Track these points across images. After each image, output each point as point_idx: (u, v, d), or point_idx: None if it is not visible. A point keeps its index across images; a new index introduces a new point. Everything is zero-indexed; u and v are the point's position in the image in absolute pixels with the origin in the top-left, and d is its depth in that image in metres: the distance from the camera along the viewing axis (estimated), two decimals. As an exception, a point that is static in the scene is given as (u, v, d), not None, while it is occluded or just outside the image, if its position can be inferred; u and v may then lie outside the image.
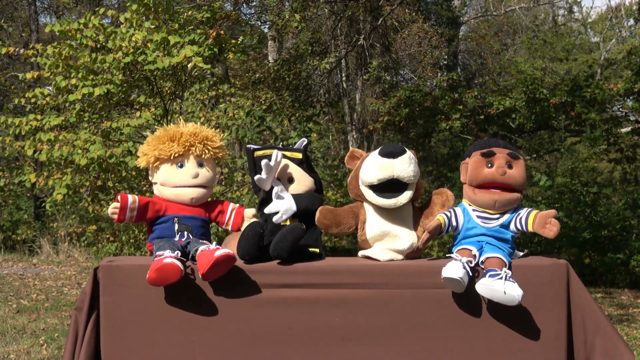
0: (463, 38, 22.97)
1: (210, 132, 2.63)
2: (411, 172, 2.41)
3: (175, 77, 7.38)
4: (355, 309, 2.38)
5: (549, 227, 2.31)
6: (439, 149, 15.67)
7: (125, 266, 2.41)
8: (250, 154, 2.57)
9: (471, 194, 2.46)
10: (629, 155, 10.53)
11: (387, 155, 2.40)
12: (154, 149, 2.54)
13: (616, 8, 19.53)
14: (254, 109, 8.30)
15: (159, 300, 2.37)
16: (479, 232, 2.43)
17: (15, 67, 17.14)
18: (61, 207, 11.93)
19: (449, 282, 2.26)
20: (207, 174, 2.57)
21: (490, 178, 2.40)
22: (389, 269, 2.40)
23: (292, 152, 2.60)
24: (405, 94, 10.97)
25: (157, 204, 2.52)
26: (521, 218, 2.40)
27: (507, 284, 2.21)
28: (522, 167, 2.43)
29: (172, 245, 2.36)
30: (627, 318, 6.61)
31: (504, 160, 2.40)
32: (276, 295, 2.38)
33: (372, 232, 2.49)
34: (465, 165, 2.50)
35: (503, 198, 2.41)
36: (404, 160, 2.40)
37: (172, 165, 2.54)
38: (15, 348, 5.11)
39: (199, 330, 2.37)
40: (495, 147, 2.45)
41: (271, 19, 13.02)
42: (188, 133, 2.55)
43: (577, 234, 8.66)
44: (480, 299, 2.35)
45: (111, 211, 2.46)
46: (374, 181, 2.42)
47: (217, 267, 2.24)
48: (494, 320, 2.35)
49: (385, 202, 2.44)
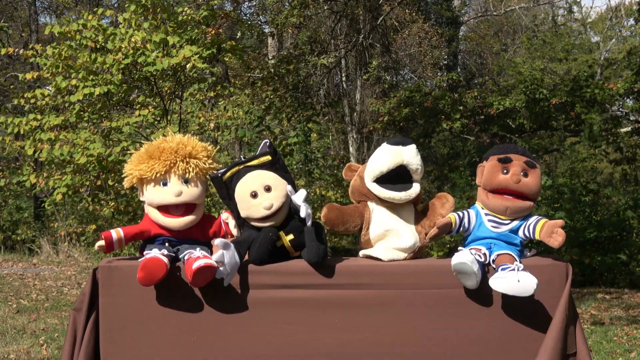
0: (463, 38, 22.97)
1: (197, 146, 2.47)
2: (419, 161, 2.44)
3: (174, 77, 7.38)
4: (356, 310, 2.38)
5: (555, 236, 2.31)
6: (439, 149, 15.68)
7: (124, 267, 2.40)
8: (218, 181, 2.43)
9: (484, 198, 2.47)
10: (629, 156, 10.53)
11: (397, 143, 2.43)
12: (136, 168, 2.41)
13: (616, 8, 19.52)
14: (253, 108, 8.31)
15: (158, 300, 2.37)
16: (488, 236, 2.43)
17: (15, 68, 17.13)
18: (61, 207, 11.93)
19: (460, 270, 2.25)
20: (194, 191, 2.42)
21: (504, 184, 2.40)
22: (389, 269, 2.40)
23: (259, 159, 2.45)
24: (405, 94, 10.97)
25: (145, 232, 2.44)
26: (529, 225, 2.40)
27: (521, 274, 2.22)
28: (538, 176, 2.43)
29: (160, 247, 2.37)
30: (627, 318, 6.61)
31: (520, 167, 2.40)
32: (276, 295, 2.38)
33: (376, 231, 2.48)
34: (482, 168, 2.50)
35: (515, 205, 2.41)
36: (412, 148, 2.43)
37: (156, 185, 2.41)
38: (15, 348, 5.10)
39: (198, 330, 2.37)
40: (514, 153, 2.44)
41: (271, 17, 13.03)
42: (169, 150, 2.40)
43: (578, 234, 8.65)
44: (480, 299, 2.34)
45: (97, 249, 2.41)
46: (383, 169, 2.41)
47: (198, 277, 2.24)
48: (494, 320, 2.35)
49: (396, 194, 2.42)
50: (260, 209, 2.34)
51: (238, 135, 7.84)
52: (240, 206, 2.39)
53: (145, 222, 2.47)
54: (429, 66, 17.18)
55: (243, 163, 2.44)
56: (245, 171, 2.42)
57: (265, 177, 2.40)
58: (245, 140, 8.49)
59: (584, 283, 8.65)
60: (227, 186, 2.43)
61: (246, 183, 2.39)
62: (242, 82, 13.55)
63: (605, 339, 5.61)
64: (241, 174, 2.41)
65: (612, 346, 5.38)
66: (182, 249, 2.41)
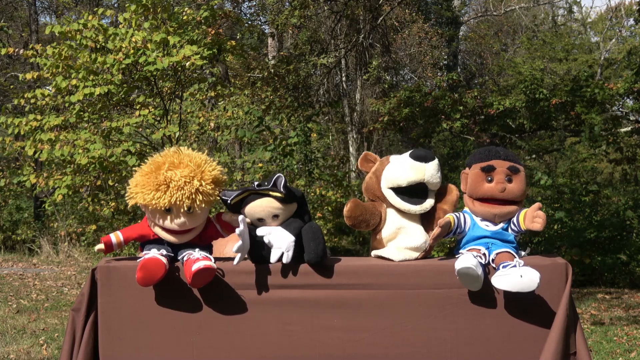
0: (463, 38, 22.97)
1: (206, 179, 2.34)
2: (438, 178, 2.43)
3: (174, 77, 7.38)
4: (355, 310, 2.37)
5: (537, 219, 2.33)
6: (439, 149, 15.67)
7: (123, 267, 2.40)
8: (226, 204, 2.40)
9: (471, 206, 2.47)
10: (629, 156, 10.53)
11: (420, 158, 2.39)
12: (141, 194, 2.33)
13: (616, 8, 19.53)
14: (253, 108, 8.30)
15: (158, 300, 2.37)
16: (483, 234, 2.44)
17: (15, 68, 17.13)
18: (61, 207, 11.93)
19: (464, 274, 2.24)
20: (196, 218, 2.36)
21: (490, 194, 2.41)
22: (389, 269, 2.40)
23: (273, 192, 2.37)
24: (405, 94, 10.97)
25: (145, 237, 2.42)
26: (514, 220, 2.42)
27: (523, 269, 2.22)
28: (522, 179, 2.44)
29: (159, 246, 2.36)
30: (627, 318, 6.61)
31: (504, 174, 2.41)
32: (276, 295, 2.37)
33: (388, 230, 2.47)
34: (465, 176, 2.50)
35: (502, 212, 2.42)
36: (434, 165, 2.40)
37: (159, 210, 2.33)
38: (15, 348, 5.11)
39: (198, 330, 2.37)
40: (496, 159, 2.43)
41: (271, 18, 13.03)
42: (176, 186, 2.28)
43: (578, 234, 8.65)
44: (480, 300, 2.34)
45: (97, 252, 2.42)
46: (403, 183, 2.40)
47: (197, 279, 2.24)
48: (494, 321, 2.35)
49: (411, 207, 2.42)
50: None
51: (238, 135, 7.85)
52: None
53: (145, 225, 2.45)
54: (429, 66, 17.19)
55: (254, 191, 2.38)
56: (254, 197, 2.38)
57: (273, 205, 2.37)
58: (245, 141, 8.49)
59: (584, 283, 8.65)
60: (234, 209, 2.41)
61: (254, 208, 2.37)
62: (242, 82, 13.55)
63: (605, 339, 5.61)
64: (250, 199, 2.38)
65: (612, 346, 5.38)
66: (181, 250, 2.41)
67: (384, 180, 2.47)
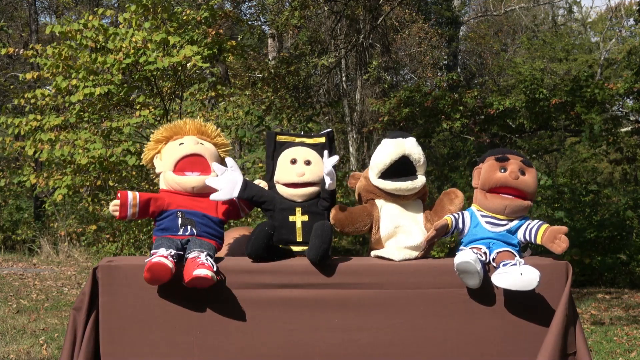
0: (463, 38, 22.98)
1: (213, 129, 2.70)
2: (420, 151, 2.49)
3: (175, 77, 7.39)
4: (355, 309, 2.38)
5: (558, 242, 2.32)
6: (439, 149, 15.66)
7: (124, 266, 2.40)
8: (272, 136, 2.62)
9: (482, 198, 2.48)
10: (629, 156, 10.53)
11: (396, 136, 2.49)
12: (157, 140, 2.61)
13: (616, 8, 19.54)
14: (253, 108, 8.31)
15: (159, 300, 2.37)
16: (486, 236, 2.44)
17: (15, 68, 17.13)
18: (61, 207, 11.93)
19: (463, 269, 2.25)
20: (208, 147, 2.58)
21: (503, 181, 2.42)
22: (389, 268, 2.40)
23: (315, 139, 2.63)
24: (405, 94, 10.96)
25: (159, 200, 2.47)
26: (531, 229, 2.41)
27: (523, 267, 2.23)
28: (535, 175, 2.47)
29: (169, 243, 2.35)
30: (627, 318, 6.62)
31: (517, 166, 2.44)
32: (276, 295, 2.38)
33: (386, 229, 2.48)
34: (478, 170, 2.52)
35: (513, 204, 2.42)
36: (412, 140, 2.50)
37: (173, 144, 2.57)
38: (15, 348, 5.11)
39: (199, 330, 2.37)
40: (510, 154, 2.50)
41: (271, 18, 13.03)
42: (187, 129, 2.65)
43: (578, 234, 8.66)
44: (480, 299, 2.34)
45: (112, 209, 2.43)
46: (387, 160, 2.44)
47: (194, 283, 2.24)
48: (494, 320, 2.35)
49: (402, 184, 2.44)
50: (293, 175, 2.49)
51: (238, 135, 7.85)
52: (277, 167, 2.55)
53: (160, 195, 2.53)
54: (429, 66, 17.20)
55: (300, 136, 2.63)
56: (297, 144, 2.60)
57: (310, 153, 2.56)
58: (245, 141, 8.49)
59: (584, 283, 8.66)
60: (276, 147, 2.59)
61: (292, 151, 2.56)
62: (242, 82, 13.56)
63: (605, 339, 5.61)
64: (292, 144, 2.60)
65: (612, 346, 5.38)
66: (192, 244, 2.39)
67: (371, 173, 2.52)
